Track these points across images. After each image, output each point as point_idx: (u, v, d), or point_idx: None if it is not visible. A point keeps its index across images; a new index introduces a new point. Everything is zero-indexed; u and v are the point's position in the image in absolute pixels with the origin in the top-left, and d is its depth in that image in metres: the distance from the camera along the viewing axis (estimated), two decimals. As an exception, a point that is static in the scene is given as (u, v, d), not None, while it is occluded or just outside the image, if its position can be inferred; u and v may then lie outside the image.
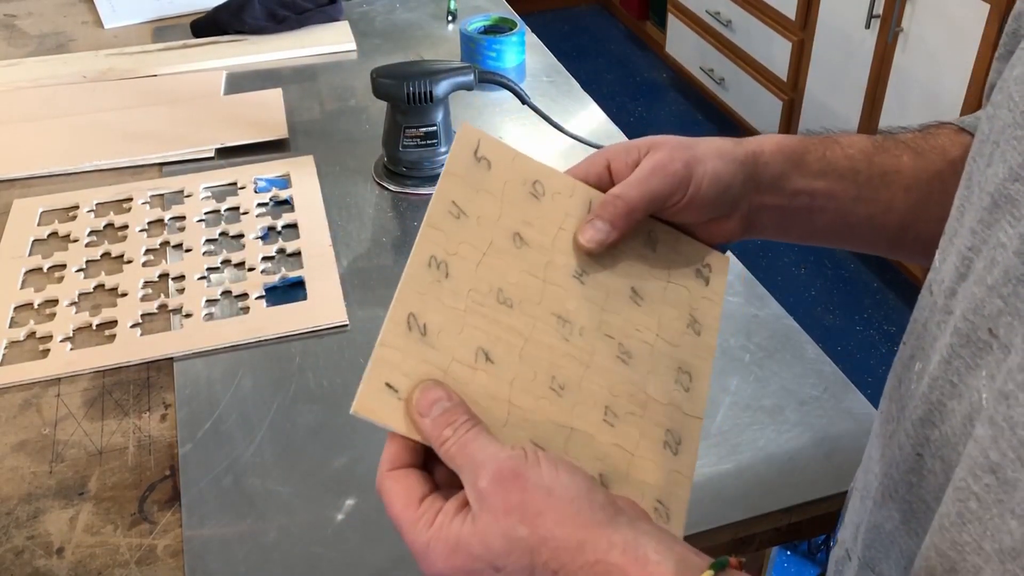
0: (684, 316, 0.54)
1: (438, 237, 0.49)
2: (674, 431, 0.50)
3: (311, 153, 1.11)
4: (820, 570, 1.32)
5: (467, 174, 0.51)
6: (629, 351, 0.51)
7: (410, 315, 0.46)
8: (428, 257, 0.48)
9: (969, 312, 0.40)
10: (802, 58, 2.52)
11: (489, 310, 0.48)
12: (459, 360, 0.46)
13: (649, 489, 0.48)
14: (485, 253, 0.49)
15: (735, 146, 0.55)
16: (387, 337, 0.45)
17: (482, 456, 0.41)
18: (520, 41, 1.30)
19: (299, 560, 0.65)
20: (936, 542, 0.39)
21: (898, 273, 2.36)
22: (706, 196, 0.53)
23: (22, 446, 0.74)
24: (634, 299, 0.52)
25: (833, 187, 0.56)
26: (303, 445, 0.74)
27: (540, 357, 0.48)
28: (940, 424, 0.42)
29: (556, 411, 0.47)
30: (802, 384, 0.79)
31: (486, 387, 0.46)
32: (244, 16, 1.40)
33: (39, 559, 0.65)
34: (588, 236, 0.51)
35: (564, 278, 0.51)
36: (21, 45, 1.42)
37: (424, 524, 0.42)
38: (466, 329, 0.47)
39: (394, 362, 0.45)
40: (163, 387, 0.80)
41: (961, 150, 0.58)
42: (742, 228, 0.56)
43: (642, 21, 3.62)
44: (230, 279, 0.92)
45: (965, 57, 1.91)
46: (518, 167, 0.53)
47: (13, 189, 1.07)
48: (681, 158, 0.52)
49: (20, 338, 0.85)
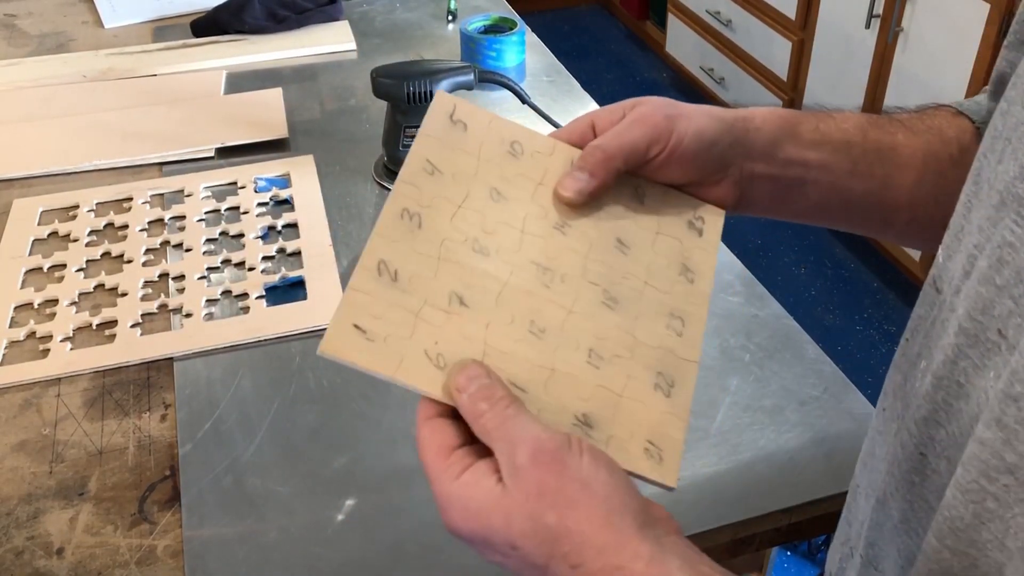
0: (675, 265, 0.52)
1: (411, 192, 0.49)
2: (666, 374, 0.49)
3: (311, 153, 1.11)
4: (820, 570, 1.32)
5: (443, 135, 0.51)
6: (615, 297, 0.50)
7: (380, 261, 0.46)
8: (401, 209, 0.48)
9: (976, 312, 0.39)
10: (802, 58, 2.52)
11: (464, 257, 0.48)
12: (432, 304, 0.46)
13: (639, 428, 0.47)
14: (460, 206, 0.49)
15: (724, 111, 0.55)
16: (357, 281, 0.45)
17: (523, 433, 0.41)
18: (520, 41, 1.30)
19: (299, 560, 0.65)
20: (950, 543, 0.39)
21: (898, 273, 2.36)
22: (688, 150, 0.52)
23: (22, 446, 0.74)
24: (620, 248, 0.52)
25: (827, 159, 0.55)
26: (303, 445, 0.74)
27: (518, 302, 0.48)
28: (946, 424, 0.42)
29: (536, 353, 0.47)
30: (802, 384, 0.79)
31: (460, 329, 0.46)
32: (244, 16, 1.40)
33: (39, 559, 0.65)
34: (567, 185, 0.51)
35: (544, 229, 0.50)
36: (21, 45, 1.42)
37: (451, 475, 0.41)
38: (440, 275, 0.47)
39: (362, 304, 0.45)
40: (163, 387, 0.80)
41: (957, 132, 0.57)
42: (734, 197, 0.55)
43: (642, 21, 3.62)
44: (230, 279, 0.92)
45: (965, 57, 1.91)
46: (495, 129, 0.53)
47: (13, 189, 1.07)
48: (663, 112, 0.52)
49: (20, 338, 0.85)
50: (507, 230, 0.50)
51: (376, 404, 0.76)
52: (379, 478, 0.71)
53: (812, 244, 2.51)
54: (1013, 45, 0.51)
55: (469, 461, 0.41)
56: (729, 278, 0.91)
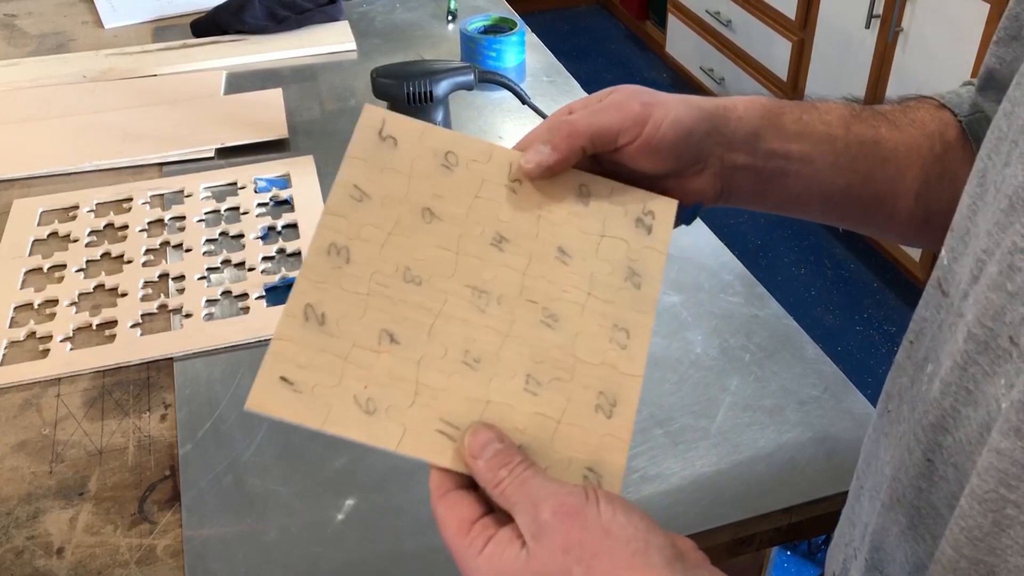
0: (621, 270, 0.50)
1: (338, 224, 0.47)
2: (608, 392, 0.47)
3: (311, 153, 1.11)
4: (820, 570, 1.32)
5: (370, 156, 0.49)
6: (555, 314, 0.48)
7: (307, 306, 0.45)
8: (328, 244, 0.47)
9: (986, 318, 0.39)
10: (802, 58, 2.52)
11: (395, 291, 0.46)
12: (360, 345, 0.45)
13: (577, 455, 0.46)
14: (391, 233, 0.48)
15: (703, 100, 0.53)
16: (281, 330, 0.44)
17: (544, 492, 0.41)
18: (520, 41, 1.30)
19: (299, 560, 0.65)
20: (967, 552, 0.39)
21: (898, 273, 2.36)
22: (665, 139, 0.50)
23: (22, 446, 0.74)
24: (561, 259, 0.49)
25: (810, 151, 0.54)
26: (303, 445, 0.74)
27: (452, 332, 0.46)
28: (954, 431, 0.41)
29: (470, 385, 0.45)
30: (802, 384, 0.79)
31: (391, 369, 0.45)
32: (244, 16, 1.40)
33: (39, 559, 0.65)
34: (528, 158, 0.49)
35: (480, 248, 0.49)
36: (21, 45, 1.42)
37: (474, 551, 0.41)
38: (369, 312, 0.46)
39: (288, 355, 0.44)
40: (163, 387, 0.80)
41: (939, 126, 0.56)
42: (716, 190, 0.54)
43: (642, 21, 3.62)
44: (230, 279, 0.92)
45: (965, 57, 1.91)
46: (428, 140, 0.50)
47: (13, 189, 1.07)
48: (639, 99, 0.50)
49: (20, 338, 0.85)
50: (440, 254, 0.48)
51: (376, 404, 0.76)
52: (379, 478, 0.71)
53: (812, 244, 2.51)
54: (1003, 41, 0.50)
55: (490, 533, 0.41)
56: (729, 278, 0.91)
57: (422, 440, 0.44)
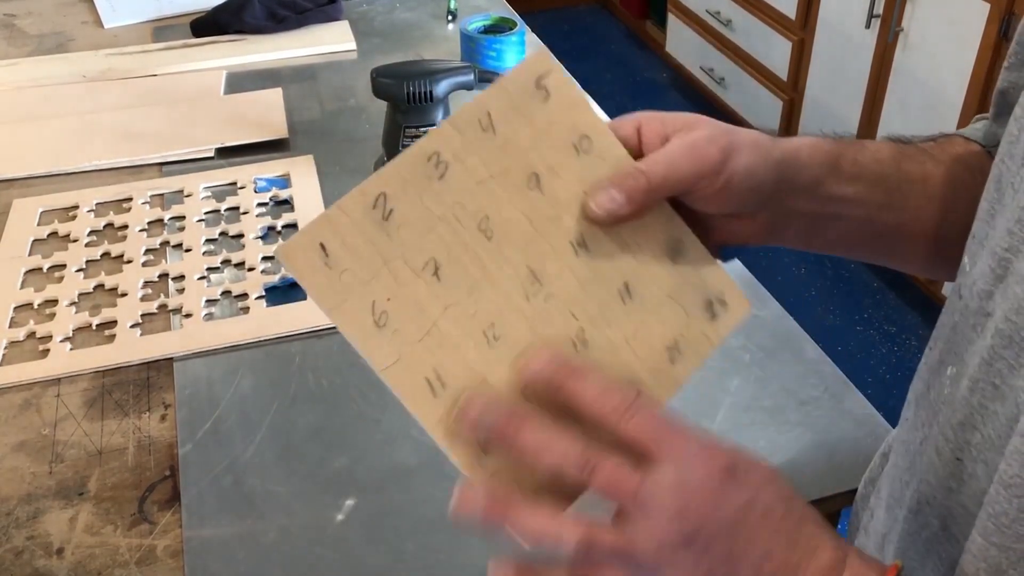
0: (667, 337, 0.49)
1: (453, 138, 0.45)
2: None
3: (311, 153, 1.11)
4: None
5: (519, 95, 0.47)
6: (587, 341, 0.46)
7: (382, 194, 0.43)
8: (432, 151, 0.44)
9: (1012, 313, 0.39)
10: (802, 58, 2.52)
11: (465, 230, 0.45)
12: (406, 260, 0.43)
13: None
14: (492, 176, 0.46)
15: (772, 144, 0.51)
16: (347, 202, 0.43)
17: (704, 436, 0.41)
18: (520, 41, 1.30)
19: (299, 560, 0.65)
20: (996, 540, 0.39)
21: (898, 273, 2.36)
22: (736, 190, 0.49)
23: (22, 446, 0.74)
24: (623, 294, 0.48)
25: (863, 193, 0.54)
26: (303, 445, 0.74)
27: (490, 300, 0.45)
28: (982, 427, 0.42)
29: (477, 357, 0.44)
30: (802, 384, 0.79)
31: (419, 298, 0.43)
32: (244, 16, 1.40)
33: (39, 559, 0.65)
34: (599, 202, 0.47)
35: (559, 240, 0.47)
36: (21, 45, 1.42)
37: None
38: (431, 235, 0.44)
39: (340, 226, 0.42)
40: (163, 387, 0.80)
41: (977, 159, 0.56)
42: (765, 231, 0.53)
43: (642, 21, 3.62)
44: (230, 279, 0.92)
45: (965, 57, 1.91)
46: (575, 114, 0.48)
47: (13, 189, 1.07)
48: (718, 144, 0.48)
49: (20, 338, 0.85)
50: (523, 224, 0.46)
51: (376, 404, 0.76)
52: (379, 478, 0.71)
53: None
54: (1015, 66, 0.50)
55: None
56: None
57: (407, 378, 0.43)
